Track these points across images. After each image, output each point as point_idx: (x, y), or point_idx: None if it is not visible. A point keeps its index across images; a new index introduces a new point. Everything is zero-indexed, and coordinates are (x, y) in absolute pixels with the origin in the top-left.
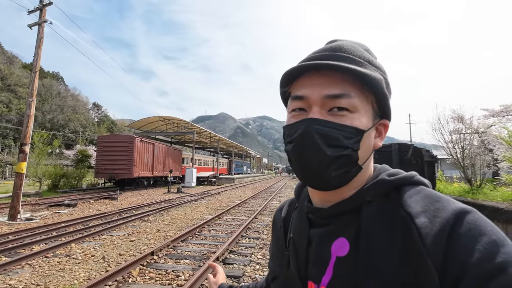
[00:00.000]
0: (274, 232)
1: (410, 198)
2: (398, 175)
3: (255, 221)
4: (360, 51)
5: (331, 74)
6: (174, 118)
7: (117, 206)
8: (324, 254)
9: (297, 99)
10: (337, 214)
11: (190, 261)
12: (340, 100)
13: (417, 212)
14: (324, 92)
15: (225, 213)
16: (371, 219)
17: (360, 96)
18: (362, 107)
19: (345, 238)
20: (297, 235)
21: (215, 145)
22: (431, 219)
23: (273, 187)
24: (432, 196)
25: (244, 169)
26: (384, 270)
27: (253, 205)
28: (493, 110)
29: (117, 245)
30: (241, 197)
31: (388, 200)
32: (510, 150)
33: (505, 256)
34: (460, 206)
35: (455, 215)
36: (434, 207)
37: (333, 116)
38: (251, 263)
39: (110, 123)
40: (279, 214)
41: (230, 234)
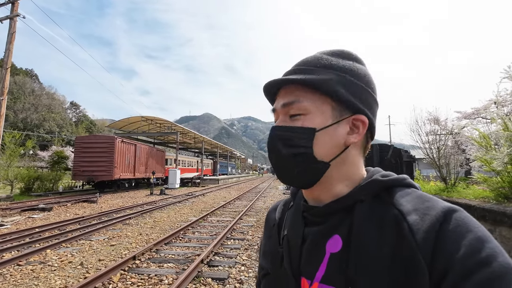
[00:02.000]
0: (267, 231)
1: (401, 198)
2: (391, 177)
3: (240, 222)
4: (318, 59)
5: (288, 87)
6: (157, 118)
7: (97, 209)
8: (318, 251)
9: (273, 112)
10: (331, 212)
11: (174, 264)
12: (292, 107)
13: (408, 210)
14: (280, 102)
15: (209, 215)
16: (363, 217)
17: (313, 99)
18: (316, 109)
19: (339, 235)
20: (292, 233)
21: (200, 146)
22: (421, 216)
23: (258, 187)
24: (422, 197)
25: (229, 170)
26: (375, 265)
27: (238, 206)
28: (466, 113)
29: (97, 250)
30: (226, 198)
31: (380, 200)
32: (481, 150)
33: (489, 251)
34: (448, 205)
35: (444, 213)
36: (424, 206)
37: (292, 121)
38: (236, 265)
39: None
40: (273, 213)
41: (215, 236)
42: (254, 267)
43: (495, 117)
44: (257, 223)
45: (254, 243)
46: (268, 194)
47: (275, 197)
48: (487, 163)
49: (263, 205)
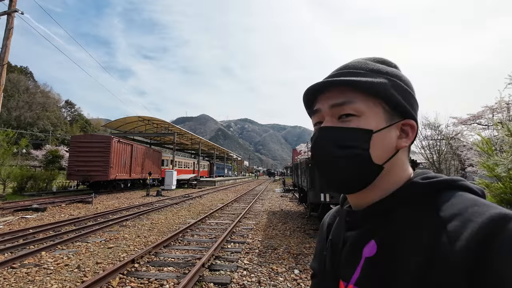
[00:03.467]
0: (320, 237)
1: (446, 202)
2: (435, 179)
3: (239, 225)
4: (365, 64)
5: (335, 89)
6: (154, 119)
7: (92, 210)
8: (355, 255)
9: (314, 113)
10: (369, 216)
11: (174, 268)
12: (344, 107)
13: (450, 216)
14: (330, 102)
15: (208, 217)
16: (400, 222)
17: (366, 101)
18: (369, 110)
19: (374, 240)
20: (335, 237)
21: (196, 147)
22: (464, 223)
23: (255, 190)
24: (472, 200)
25: (225, 172)
26: (408, 273)
27: (236, 209)
28: (461, 118)
29: (93, 253)
30: (223, 200)
31: (420, 204)
32: (483, 156)
33: None
34: (501, 211)
35: (493, 220)
36: (472, 210)
37: (342, 122)
38: (238, 269)
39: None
40: (326, 219)
41: (215, 239)
42: (257, 271)
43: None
44: (256, 226)
45: (255, 247)
46: (265, 197)
47: (273, 200)
48: (490, 169)
49: (261, 208)
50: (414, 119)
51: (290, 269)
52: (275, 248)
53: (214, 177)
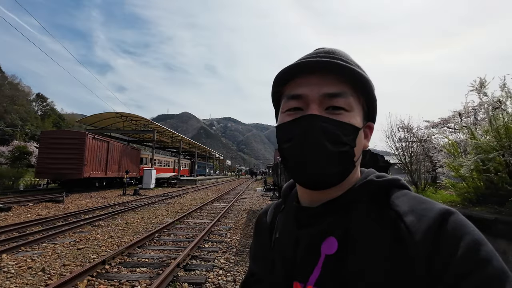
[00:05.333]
0: (258, 235)
1: (397, 199)
2: (385, 178)
3: (218, 224)
4: (350, 57)
5: (327, 75)
6: (132, 115)
7: (62, 210)
8: (313, 253)
9: (294, 98)
10: (326, 213)
11: (147, 269)
12: (338, 99)
13: (405, 211)
14: (322, 91)
15: (186, 216)
16: (359, 218)
17: (354, 96)
18: (356, 107)
19: (334, 237)
20: (284, 236)
21: (177, 145)
22: (419, 217)
23: (236, 189)
24: (418, 198)
25: (207, 171)
26: (373, 266)
27: (216, 208)
28: (433, 122)
29: (61, 254)
30: (203, 199)
31: (375, 201)
32: (449, 157)
33: (485, 254)
34: (445, 207)
35: (441, 214)
36: (421, 207)
37: (331, 114)
38: (214, 268)
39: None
40: (264, 217)
41: (192, 239)
42: (233, 270)
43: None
44: (235, 225)
45: (233, 246)
46: (246, 196)
47: (254, 199)
48: (455, 170)
49: (241, 207)
50: (374, 121)
51: None
52: None
53: (195, 176)
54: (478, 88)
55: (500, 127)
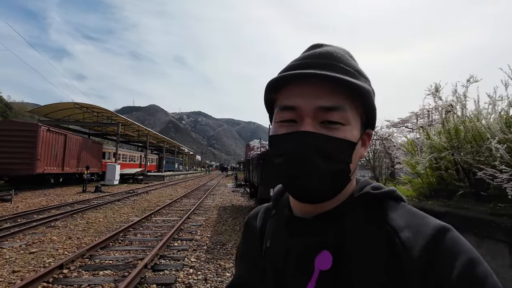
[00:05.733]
0: (246, 240)
1: (392, 212)
2: (382, 189)
3: (188, 222)
4: (349, 60)
5: (323, 84)
6: (94, 107)
7: (11, 210)
8: (306, 267)
9: (287, 109)
10: (319, 225)
11: (112, 271)
12: (334, 113)
13: (400, 226)
14: (317, 104)
15: (154, 214)
16: (354, 232)
17: (352, 107)
18: (354, 119)
19: (328, 251)
20: (275, 245)
21: (144, 139)
22: (414, 233)
23: (207, 185)
24: (413, 212)
25: (175, 166)
26: (369, 283)
27: (186, 205)
28: (393, 121)
29: (10, 260)
30: (172, 196)
31: (371, 214)
32: (408, 155)
33: (481, 273)
34: (440, 223)
35: (437, 231)
36: (416, 222)
37: (326, 129)
38: (184, 268)
39: (3, 106)
40: (254, 221)
41: (161, 237)
42: (204, 269)
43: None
44: (206, 222)
45: (203, 244)
46: (217, 192)
47: (225, 195)
48: (412, 167)
49: (212, 203)
50: (373, 128)
51: None
52: (224, 243)
53: (163, 171)
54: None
55: (451, 129)
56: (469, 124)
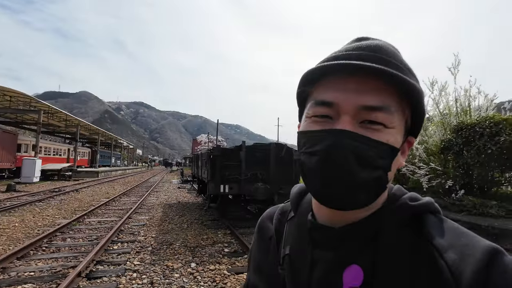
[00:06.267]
0: (261, 242)
1: (433, 229)
2: (420, 201)
3: (129, 222)
4: (400, 56)
5: (368, 79)
6: (6, 89)
7: None
8: (333, 281)
9: (323, 105)
10: (349, 237)
11: (34, 285)
12: (377, 114)
13: (444, 247)
14: (360, 102)
15: (88, 215)
16: (389, 248)
17: (398, 109)
18: (399, 123)
19: (359, 266)
20: (297, 254)
21: (73, 130)
22: (461, 256)
23: (149, 181)
24: (456, 229)
25: (112, 161)
26: None
27: (126, 203)
28: None
29: None
30: (109, 194)
31: (409, 229)
32: None
33: None
34: (490, 245)
35: (488, 255)
36: (462, 242)
37: (366, 130)
38: (126, 272)
39: None
40: (268, 223)
41: (97, 241)
42: (149, 271)
43: None
44: (150, 222)
45: (148, 244)
46: (161, 189)
47: (170, 192)
48: None
49: (156, 201)
50: (416, 135)
51: (187, 264)
52: (171, 243)
53: (97, 167)
54: None
55: None
56: None
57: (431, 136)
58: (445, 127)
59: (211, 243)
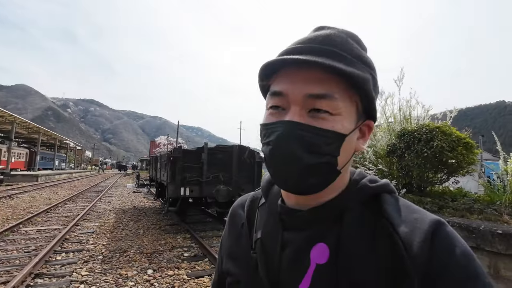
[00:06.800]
0: (233, 230)
1: (389, 206)
2: (378, 183)
3: (76, 230)
4: (350, 45)
5: (315, 70)
6: None
7: None
8: (302, 260)
9: (276, 95)
10: (316, 218)
11: None
12: (322, 101)
13: (398, 221)
14: (305, 91)
15: (23, 224)
16: (352, 226)
17: (344, 96)
18: (345, 109)
19: (326, 244)
20: (268, 237)
21: (7, 128)
22: (412, 229)
23: (100, 185)
24: (408, 206)
25: (56, 164)
26: (367, 277)
27: (72, 210)
28: None
29: None
30: (51, 200)
31: (368, 208)
32: None
33: (475, 267)
34: (435, 218)
35: (433, 225)
36: (412, 217)
37: (313, 119)
38: (72, 284)
39: None
40: (240, 210)
41: (36, 252)
42: (100, 281)
43: None
44: (101, 228)
45: (98, 253)
46: (114, 194)
47: (123, 196)
48: None
49: (107, 207)
50: (375, 119)
51: (143, 271)
52: (125, 250)
53: (37, 170)
54: None
55: None
56: None
57: (379, 140)
58: (391, 133)
59: (169, 248)
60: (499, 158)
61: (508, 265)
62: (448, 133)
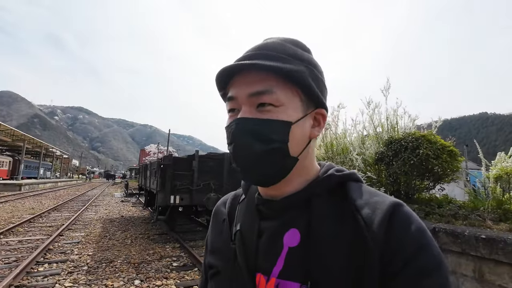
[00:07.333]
0: (216, 226)
1: (354, 192)
2: (344, 172)
3: (60, 240)
4: (284, 46)
5: (255, 73)
6: None
7: None
8: (276, 245)
9: (230, 99)
10: (288, 206)
11: None
12: (263, 97)
13: (361, 204)
14: (248, 91)
15: (4, 234)
16: (321, 211)
17: (285, 89)
18: (288, 100)
19: (297, 229)
20: (246, 227)
21: None
22: (373, 210)
23: (87, 195)
24: (371, 191)
25: (41, 173)
26: (335, 257)
27: (56, 219)
28: None
29: None
30: (34, 209)
31: (335, 194)
32: None
33: (427, 239)
34: (394, 200)
35: (392, 207)
36: (373, 200)
37: (261, 112)
38: None
39: None
40: (222, 207)
41: (16, 263)
42: None
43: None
44: (86, 238)
45: (83, 263)
46: (101, 203)
47: (111, 206)
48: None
49: (94, 216)
50: (325, 108)
51: (130, 281)
52: (112, 260)
53: (21, 179)
54: None
55: (328, 143)
56: (339, 140)
57: (367, 148)
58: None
59: (158, 258)
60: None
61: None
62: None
